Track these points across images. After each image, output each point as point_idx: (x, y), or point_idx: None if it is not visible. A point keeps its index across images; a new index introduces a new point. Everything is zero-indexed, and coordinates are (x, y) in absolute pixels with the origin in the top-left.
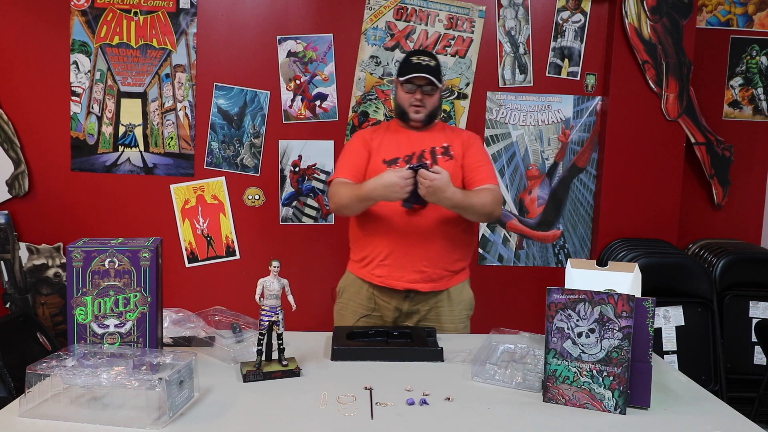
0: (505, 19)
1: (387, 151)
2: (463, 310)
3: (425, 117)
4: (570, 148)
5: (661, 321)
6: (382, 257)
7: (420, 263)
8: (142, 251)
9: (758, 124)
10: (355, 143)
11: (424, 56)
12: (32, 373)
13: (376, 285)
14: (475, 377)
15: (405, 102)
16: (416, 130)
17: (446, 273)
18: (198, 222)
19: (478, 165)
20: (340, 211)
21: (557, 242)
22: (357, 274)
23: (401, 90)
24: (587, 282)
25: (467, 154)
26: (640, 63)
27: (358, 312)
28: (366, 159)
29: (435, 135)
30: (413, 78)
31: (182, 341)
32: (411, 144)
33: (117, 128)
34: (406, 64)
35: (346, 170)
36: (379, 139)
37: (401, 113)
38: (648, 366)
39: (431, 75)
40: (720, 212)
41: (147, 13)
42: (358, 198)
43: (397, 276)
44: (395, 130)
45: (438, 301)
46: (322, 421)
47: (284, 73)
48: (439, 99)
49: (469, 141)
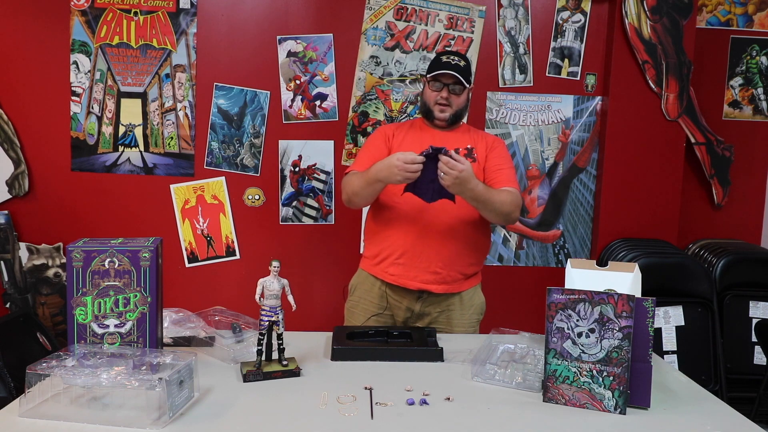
0: (505, 19)
1: (408, 148)
2: (474, 315)
3: (450, 116)
4: (570, 148)
5: (661, 321)
6: (397, 255)
7: (435, 264)
8: (142, 251)
9: (758, 124)
10: (376, 138)
11: (454, 56)
12: (32, 373)
13: (388, 283)
14: (475, 377)
15: (431, 100)
16: (440, 130)
17: (460, 276)
18: (198, 222)
19: (499, 168)
20: (351, 200)
21: (557, 242)
22: (370, 272)
23: (428, 88)
24: (587, 282)
25: (489, 157)
26: (640, 63)
27: (369, 310)
28: (385, 154)
29: (459, 136)
30: (440, 76)
31: (182, 341)
32: (434, 143)
33: (117, 128)
34: (436, 63)
35: (362, 164)
36: (401, 136)
37: (426, 111)
38: (648, 366)
39: (460, 74)
40: (720, 212)
41: (147, 13)
42: (366, 181)
43: (412, 275)
44: (420, 128)
45: (450, 304)
46: (322, 421)
47: (284, 73)
48: (467, 100)
49: (493, 144)
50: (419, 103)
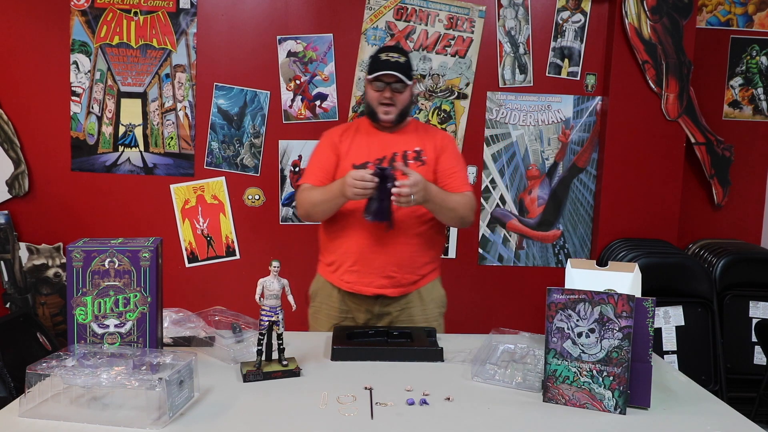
0: (505, 19)
1: (357, 155)
2: (435, 308)
3: (395, 117)
4: (570, 148)
5: (661, 321)
6: (350, 263)
7: (389, 268)
8: (142, 251)
9: (758, 124)
10: (323, 146)
11: (393, 52)
12: (32, 373)
13: (345, 291)
14: (475, 377)
15: (374, 101)
16: (387, 131)
17: (416, 277)
18: (198, 222)
19: (452, 171)
20: (310, 215)
21: (557, 242)
22: (327, 279)
23: (370, 88)
24: (587, 282)
25: (441, 159)
26: (640, 63)
27: (331, 316)
28: (334, 162)
29: (407, 137)
30: (381, 76)
31: (182, 341)
32: (382, 147)
33: (117, 128)
34: (375, 61)
35: (313, 176)
36: (348, 142)
37: (371, 113)
38: (648, 366)
39: (400, 72)
40: (720, 212)
41: (147, 13)
42: (326, 197)
43: (366, 282)
44: (366, 131)
45: (408, 301)
46: (322, 421)
47: (284, 73)
48: (410, 96)
49: (442, 144)
50: (363, 104)
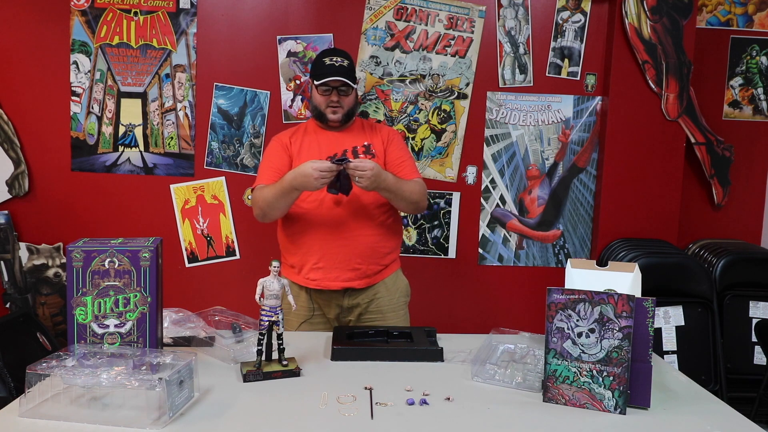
0: (505, 19)
1: (308, 154)
2: (401, 297)
3: (342, 117)
4: (570, 148)
5: (661, 321)
6: (314, 260)
7: (354, 260)
8: (142, 251)
9: (758, 124)
10: (275, 149)
11: (337, 57)
12: (32, 373)
13: (312, 288)
14: (475, 377)
15: (322, 104)
16: (335, 130)
17: (380, 267)
18: (198, 222)
19: (401, 161)
20: (266, 214)
21: (557, 242)
22: (292, 280)
23: (317, 92)
24: (587, 282)
25: (388, 150)
26: (640, 63)
27: (301, 315)
28: (287, 163)
29: (355, 134)
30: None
31: (182, 341)
32: (332, 145)
33: (117, 128)
34: (320, 66)
35: (267, 177)
36: (298, 143)
37: (319, 114)
38: (648, 366)
39: (344, 76)
40: (720, 212)
41: (147, 13)
42: (281, 192)
43: (333, 276)
44: (314, 131)
45: (376, 292)
46: (322, 421)
47: (284, 73)
48: (356, 97)
49: (389, 137)
50: (310, 107)
